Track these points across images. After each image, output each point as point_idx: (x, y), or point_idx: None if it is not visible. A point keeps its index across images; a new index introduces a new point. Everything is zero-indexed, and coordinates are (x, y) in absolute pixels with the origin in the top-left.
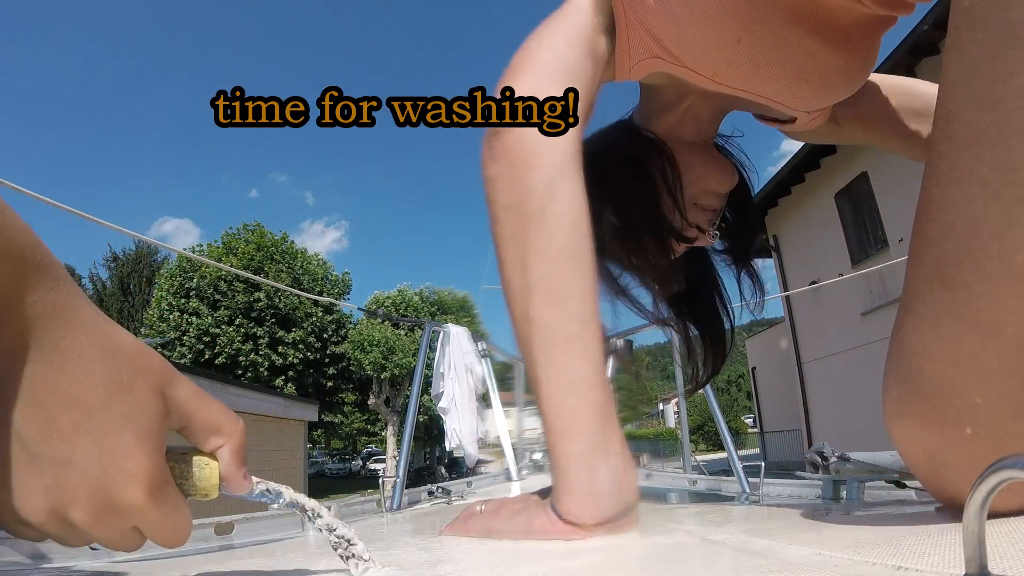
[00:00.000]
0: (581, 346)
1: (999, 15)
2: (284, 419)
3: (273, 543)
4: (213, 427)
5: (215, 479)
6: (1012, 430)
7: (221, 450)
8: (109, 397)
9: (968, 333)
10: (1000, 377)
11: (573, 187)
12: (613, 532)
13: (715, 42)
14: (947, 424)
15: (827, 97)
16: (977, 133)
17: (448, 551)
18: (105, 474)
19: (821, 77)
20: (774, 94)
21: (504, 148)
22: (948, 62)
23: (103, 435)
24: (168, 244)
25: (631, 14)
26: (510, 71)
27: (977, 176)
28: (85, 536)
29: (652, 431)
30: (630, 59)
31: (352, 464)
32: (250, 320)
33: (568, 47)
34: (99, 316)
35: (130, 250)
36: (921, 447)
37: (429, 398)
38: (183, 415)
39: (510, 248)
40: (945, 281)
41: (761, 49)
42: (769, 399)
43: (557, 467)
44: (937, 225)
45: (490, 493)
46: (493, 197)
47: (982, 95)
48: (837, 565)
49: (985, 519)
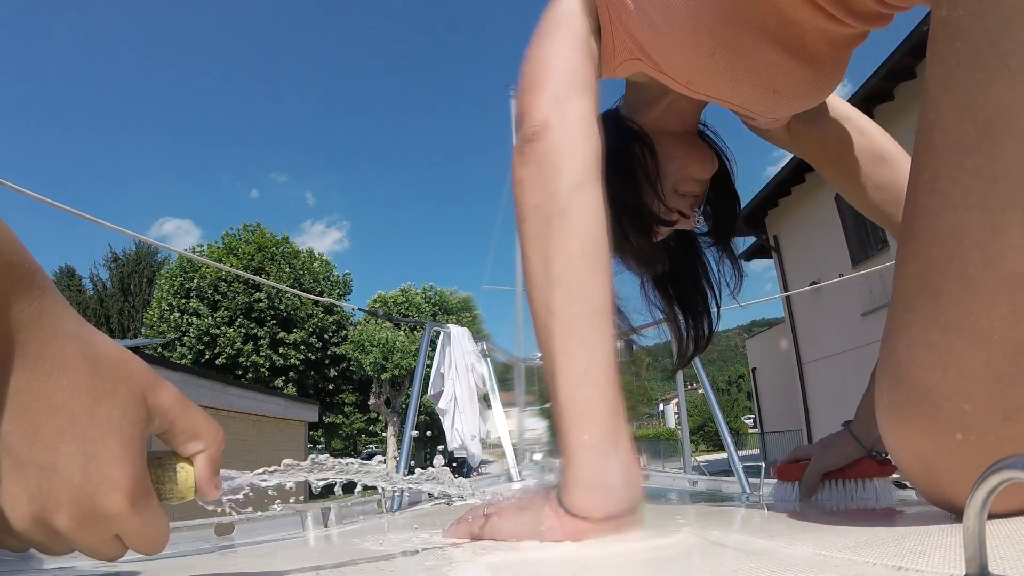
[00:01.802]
0: (598, 339)
1: (977, 24)
2: (284, 419)
3: (273, 543)
4: (193, 433)
5: (191, 483)
6: (1001, 434)
7: (199, 456)
8: (93, 404)
9: (955, 340)
10: (987, 383)
11: (594, 191)
12: (619, 530)
13: (690, 53)
14: (938, 430)
15: (796, 107)
16: (958, 142)
17: (449, 551)
18: (90, 480)
19: (791, 90)
20: (745, 103)
21: (535, 155)
22: (929, 72)
23: (87, 442)
24: (168, 244)
25: (615, 18)
26: (527, 84)
27: (959, 185)
28: (68, 544)
29: (652, 431)
30: (615, 59)
31: None
32: (251, 320)
33: (576, 54)
34: (82, 324)
35: (130, 250)
36: (914, 453)
37: (429, 398)
38: (166, 421)
39: (535, 245)
40: (931, 289)
41: (734, 63)
42: (769, 399)
43: (568, 455)
44: (921, 234)
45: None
46: (522, 199)
47: (962, 104)
48: (837, 565)
49: (985, 519)
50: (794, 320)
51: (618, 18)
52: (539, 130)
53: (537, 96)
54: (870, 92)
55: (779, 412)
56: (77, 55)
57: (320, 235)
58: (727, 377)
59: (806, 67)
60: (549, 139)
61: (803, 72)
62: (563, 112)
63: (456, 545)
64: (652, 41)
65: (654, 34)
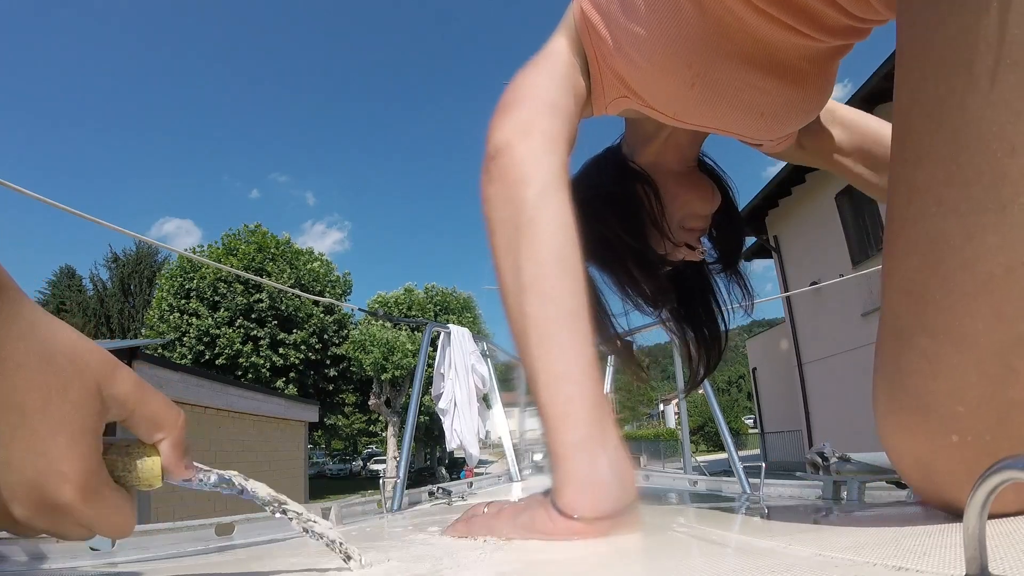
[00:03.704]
0: (573, 339)
1: (941, 35)
2: (285, 420)
3: (273, 543)
4: (153, 421)
5: (157, 470)
6: (997, 433)
7: (162, 443)
8: (45, 403)
9: (943, 345)
10: (979, 385)
11: (560, 199)
12: (614, 531)
13: (671, 86)
14: (934, 434)
15: (785, 128)
16: (929, 151)
17: (451, 551)
18: (40, 475)
19: (777, 111)
20: (733, 128)
21: (500, 171)
22: (898, 83)
23: (38, 439)
24: (169, 245)
25: (601, 59)
26: (502, 107)
27: (932, 193)
28: (31, 528)
29: (652, 432)
30: (604, 97)
31: (353, 465)
32: (251, 321)
33: (552, 83)
34: (38, 319)
35: (131, 251)
36: (912, 457)
37: (430, 398)
38: (124, 410)
39: (505, 256)
40: (915, 296)
41: (715, 91)
42: (770, 400)
43: (556, 457)
44: (901, 242)
45: (491, 494)
46: (490, 214)
47: (931, 114)
48: (838, 566)
49: (986, 519)
50: (794, 320)
51: (603, 57)
52: (501, 148)
53: (504, 118)
54: (870, 92)
55: (779, 412)
56: (77, 55)
57: (321, 235)
58: (727, 377)
59: (789, 87)
60: (511, 154)
61: (787, 92)
62: (528, 132)
63: None
64: (634, 77)
65: (634, 70)
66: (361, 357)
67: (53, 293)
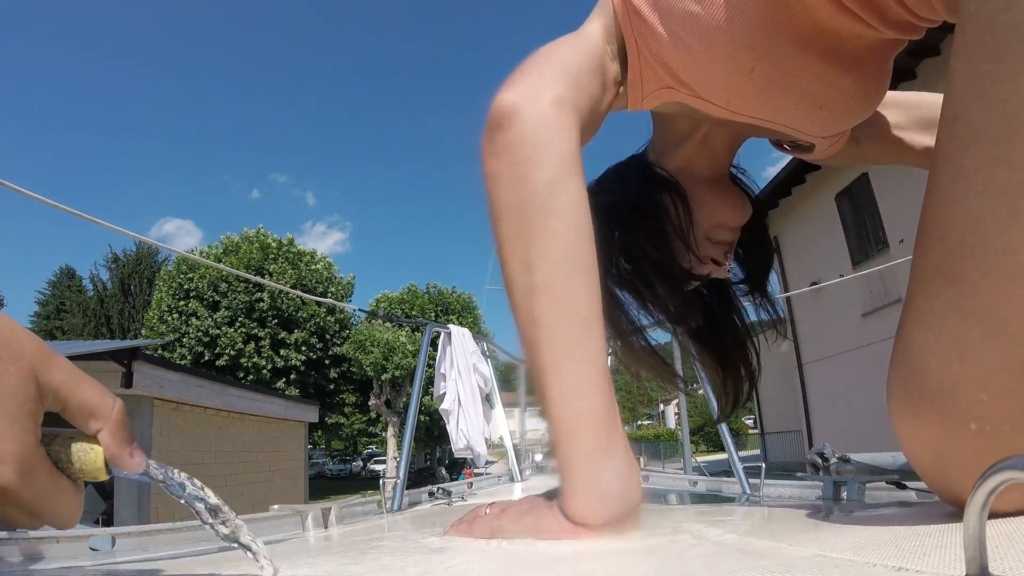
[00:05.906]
0: (585, 350)
1: (1005, 18)
2: (285, 420)
3: (273, 543)
4: (88, 411)
5: (100, 462)
6: (1018, 425)
7: (101, 434)
8: None
9: (972, 329)
10: (1005, 373)
11: (576, 187)
12: (618, 532)
13: (729, 72)
14: (952, 421)
15: (843, 122)
16: (982, 131)
17: (451, 551)
18: None
19: (836, 103)
20: (790, 121)
21: (506, 144)
22: (954, 64)
23: None
24: (169, 245)
25: (643, 47)
26: (517, 71)
27: (982, 172)
28: None
29: (652, 432)
30: (642, 90)
31: (353, 465)
32: (252, 321)
33: (579, 56)
34: None
35: (131, 251)
36: (926, 444)
37: (430, 399)
38: (58, 399)
39: (514, 249)
40: (949, 277)
41: (775, 77)
42: (770, 400)
43: (564, 469)
44: (942, 221)
45: (492, 494)
46: (495, 195)
47: (988, 95)
48: (838, 566)
49: (986, 520)
50: (794, 320)
51: (646, 45)
52: (508, 113)
53: (515, 81)
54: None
55: (779, 412)
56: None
57: (321, 236)
58: None
59: (849, 77)
60: (519, 127)
61: (846, 82)
62: (540, 98)
63: None
64: (686, 64)
65: (689, 56)
66: (361, 357)
67: (53, 293)
